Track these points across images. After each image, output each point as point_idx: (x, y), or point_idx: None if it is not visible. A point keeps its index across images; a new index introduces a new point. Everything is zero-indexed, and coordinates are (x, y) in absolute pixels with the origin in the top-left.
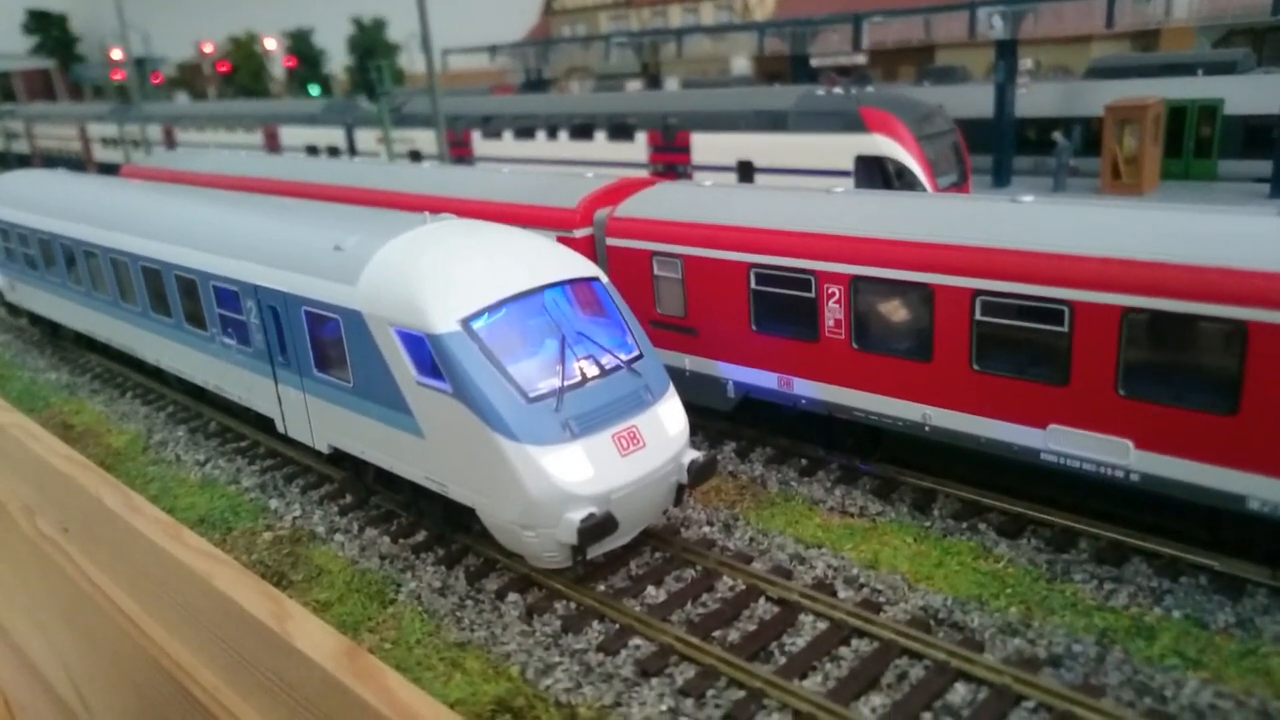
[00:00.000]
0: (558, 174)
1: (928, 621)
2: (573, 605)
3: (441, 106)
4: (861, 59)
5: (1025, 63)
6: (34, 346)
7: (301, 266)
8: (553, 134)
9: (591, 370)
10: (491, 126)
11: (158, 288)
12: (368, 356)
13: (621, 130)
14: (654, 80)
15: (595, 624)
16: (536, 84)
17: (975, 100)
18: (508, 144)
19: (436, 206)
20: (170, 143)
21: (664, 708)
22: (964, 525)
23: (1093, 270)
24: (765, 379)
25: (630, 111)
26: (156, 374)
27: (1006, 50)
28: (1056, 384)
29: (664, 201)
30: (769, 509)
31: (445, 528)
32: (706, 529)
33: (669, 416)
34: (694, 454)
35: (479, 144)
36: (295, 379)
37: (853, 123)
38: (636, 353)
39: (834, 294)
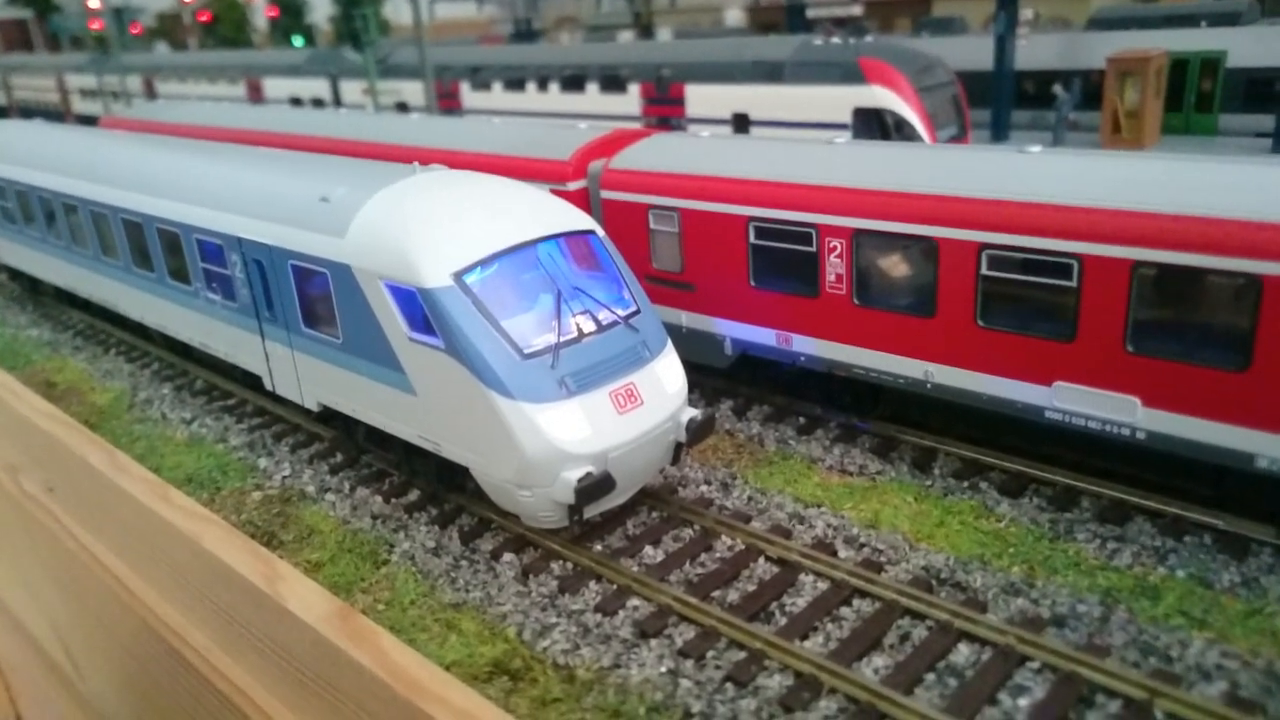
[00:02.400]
0: (550, 125)
1: (929, 582)
2: (569, 565)
3: (429, 57)
4: (857, 9)
5: (1025, 13)
6: (13, 302)
7: (287, 218)
8: (543, 86)
9: (588, 326)
10: (480, 78)
11: (140, 241)
12: (357, 312)
13: (614, 82)
14: (646, 31)
15: (592, 584)
16: (526, 34)
17: (973, 52)
18: (497, 96)
19: (426, 158)
20: (151, 94)
21: (663, 669)
22: (965, 484)
23: (1102, 223)
24: (763, 336)
25: (623, 63)
26: (139, 330)
27: (1007, 0)
28: (1063, 340)
29: (661, 153)
30: (767, 468)
31: (438, 487)
32: (704, 488)
33: (667, 373)
34: (692, 412)
35: (467, 96)
36: (282, 335)
37: (851, 74)
38: (634, 308)
39: (835, 248)
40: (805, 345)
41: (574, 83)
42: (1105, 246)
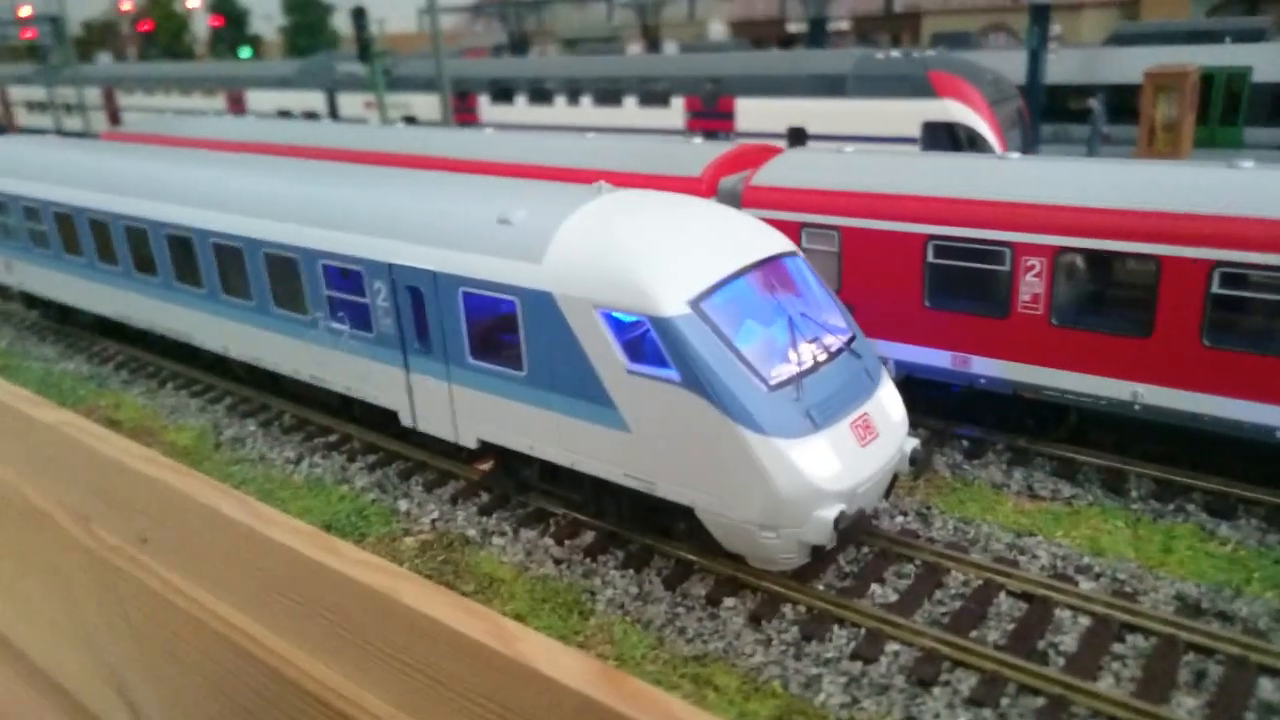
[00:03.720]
0: (656, 139)
1: (1192, 611)
2: (801, 609)
3: (446, 69)
4: (845, 24)
5: (1054, 28)
6: (31, 332)
7: (457, 243)
8: (574, 99)
9: (820, 354)
10: (501, 90)
11: (235, 268)
12: (554, 342)
13: (654, 95)
14: (654, 44)
15: (836, 629)
16: (519, 46)
17: (994, 66)
18: (520, 110)
19: (540, 176)
20: (111, 107)
21: None
22: (1171, 506)
23: None
24: (936, 357)
25: (665, 75)
26: (196, 362)
27: (1040, 14)
28: None
29: (812, 169)
30: (951, 495)
31: (632, 528)
32: (901, 519)
33: (890, 401)
34: (914, 441)
35: (486, 109)
36: (438, 368)
37: (920, 87)
38: (851, 333)
39: (1033, 267)
40: (987, 367)
41: (609, 96)
42: None
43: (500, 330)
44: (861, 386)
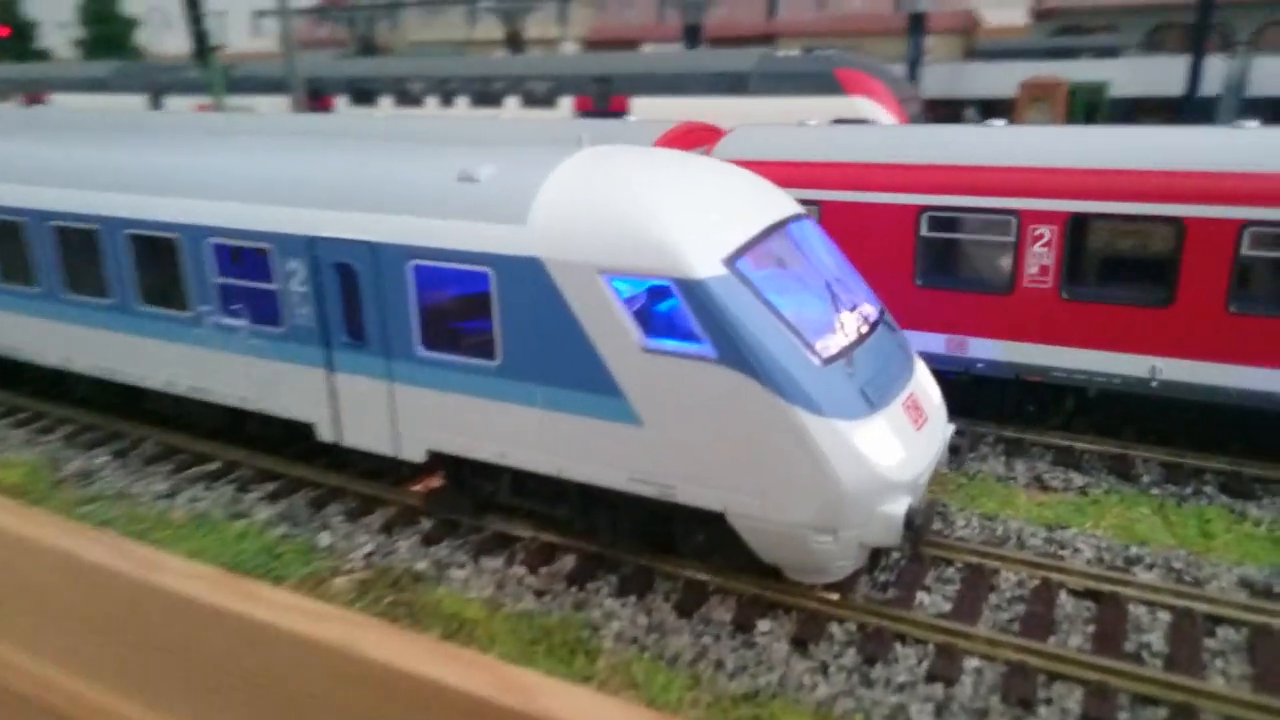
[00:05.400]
0: (593, 120)
1: (1264, 596)
2: (850, 627)
3: (297, 68)
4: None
5: (927, 41)
6: None
7: (404, 207)
8: (448, 100)
9: (862, 326)
10: (362, 92)
11: (84, 257)
12: (541, 320)
13: (540, 96)
14: (519, 51)
15: (899, 648)
16: (370, 53)
17: None
18: (385, 112)
19: None
20: None
21: None
22: (1189, 489)
23: None
24: (928, 342)
25: (551, 74)
26: (15, 383)
27: (917, 24)
28: None
29: (781, 140)
30: (959, 490)
31: (626, 547)
32: None
33: (928, 381)
34: (951, 426)
35: (345, 112)
36: (376, 364)
37: (827, 85)
38: (880, 304)
39: (1042, 236)
40: (986, 349)
41: (488, 97)
42: None
43: (464, 311)
44: (904, 363)
